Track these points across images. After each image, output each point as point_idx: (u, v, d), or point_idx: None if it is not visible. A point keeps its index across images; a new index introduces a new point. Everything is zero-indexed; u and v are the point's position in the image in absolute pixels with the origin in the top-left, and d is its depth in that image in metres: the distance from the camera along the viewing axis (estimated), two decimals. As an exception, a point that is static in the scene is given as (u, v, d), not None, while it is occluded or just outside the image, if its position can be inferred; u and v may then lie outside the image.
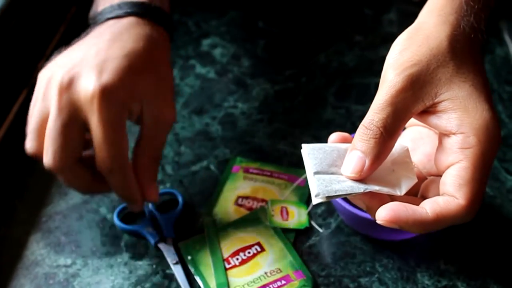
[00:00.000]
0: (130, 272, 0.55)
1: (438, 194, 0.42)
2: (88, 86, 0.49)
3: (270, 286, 0.53)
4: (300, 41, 0.82)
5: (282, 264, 0.54)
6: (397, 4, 0.87)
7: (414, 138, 0.50)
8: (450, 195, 0.40)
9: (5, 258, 0.57)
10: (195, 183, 0.63)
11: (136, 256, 0.56)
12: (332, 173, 0.42)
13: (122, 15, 0.54)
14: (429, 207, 0.40)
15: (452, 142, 0.41)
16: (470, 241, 0.57)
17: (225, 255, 0.55)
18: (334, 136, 0.46)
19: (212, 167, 0.65)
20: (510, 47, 0.79)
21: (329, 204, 0.60)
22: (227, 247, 0.56)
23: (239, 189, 0.62)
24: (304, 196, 0.61)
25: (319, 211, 0.60)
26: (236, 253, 0.55)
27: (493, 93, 0.72)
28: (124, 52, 0.51)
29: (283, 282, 0.53)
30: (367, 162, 0.41)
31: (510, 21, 0.81)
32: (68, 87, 0.49)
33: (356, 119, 0.70)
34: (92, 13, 0.57)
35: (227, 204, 0.60)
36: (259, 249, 0.56)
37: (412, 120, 0.49)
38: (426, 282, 0.54)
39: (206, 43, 0.81)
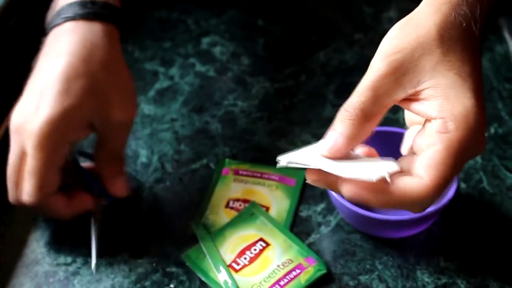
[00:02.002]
0: (130, 270, 0.55)
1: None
2: (27, 125, 0.51)
3: (287, 277, 0.53)
4: (300, 39, 0.82)
5: (291, 254, 0.54)
6: (397, 1, 0.87)
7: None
8: (417, 174, 0.41)
9: (5, 257, 0.57)
10: (195, 181, 0.63)
11: (136, 254, 0.56)
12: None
13: (60, 23, 0.54)
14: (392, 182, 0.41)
15: (431, 126, 0.41)
16: (470, 239, 0.57)
17: (231, 257, 0.55)
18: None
19: (211, 165, 0.65)
20: (510, 44, 0.78)
21: (329, 202, 0.60)
22: (231, 249, 0.55)
23: (229, 191, 0.61)
24: (295, 195, 0.61)
25: (319, 208, 0.60)
26: (242, 252, 0.55)
27: (493, 91, 0.72)
28: (60, 71, 0.51)
29: (298, 271, 0.53)
30: (342, 142, 0.42)
31: (510, 19, 0.81)
32: (16, 128, 0.52)
33: (356, 117, 0.70)
34: (46, 21, 0.57)
35: (218, 207, 0.59)
36: (264, 245, 0.55)
37: (414, 119, 0.49)
38: (426, 279, 0.54)
39: (205, 41, 0.81)
